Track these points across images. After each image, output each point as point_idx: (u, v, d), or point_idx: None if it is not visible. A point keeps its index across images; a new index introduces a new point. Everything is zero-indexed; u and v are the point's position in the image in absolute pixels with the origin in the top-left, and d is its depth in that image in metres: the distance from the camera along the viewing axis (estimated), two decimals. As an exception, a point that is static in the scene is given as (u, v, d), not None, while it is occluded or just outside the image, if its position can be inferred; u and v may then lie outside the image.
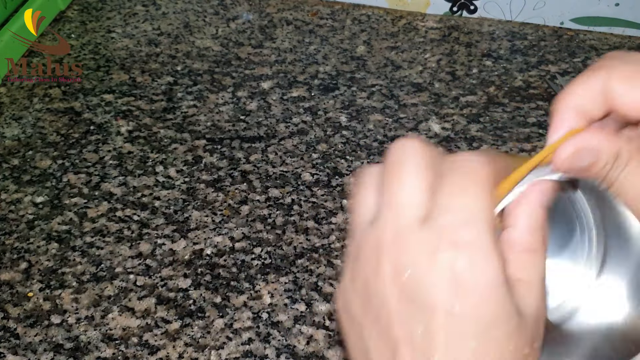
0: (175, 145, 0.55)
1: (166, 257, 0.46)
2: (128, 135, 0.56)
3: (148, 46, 0.66)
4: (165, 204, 0.50)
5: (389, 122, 0.57)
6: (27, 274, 0.45)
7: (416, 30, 0.69)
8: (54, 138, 0.55)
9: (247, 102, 0.59)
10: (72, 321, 0.42)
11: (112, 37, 0.67)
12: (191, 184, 0.52)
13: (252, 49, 0.66)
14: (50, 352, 0.40)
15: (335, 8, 0.72)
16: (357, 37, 0.68)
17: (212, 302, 0.43)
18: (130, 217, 0.49)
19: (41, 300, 0.43)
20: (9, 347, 0.40)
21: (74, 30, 0.67)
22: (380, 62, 0.64)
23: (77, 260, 0.46)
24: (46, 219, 0.48)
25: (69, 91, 0.60)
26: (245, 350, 0.41)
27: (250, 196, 0.51)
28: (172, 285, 0.44)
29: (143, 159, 0.54)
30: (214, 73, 0.63)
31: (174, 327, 0.42)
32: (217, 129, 0.57)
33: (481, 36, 0.68)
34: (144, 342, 0.41)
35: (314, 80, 0.62)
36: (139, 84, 0.61)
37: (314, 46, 0.66)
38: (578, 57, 0.65)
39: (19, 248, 0.46)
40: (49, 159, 0.53)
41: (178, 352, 0.40)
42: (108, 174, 0.52)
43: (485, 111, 0.59)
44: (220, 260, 0.46)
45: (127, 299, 0.43)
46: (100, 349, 0.41)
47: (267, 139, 0.56)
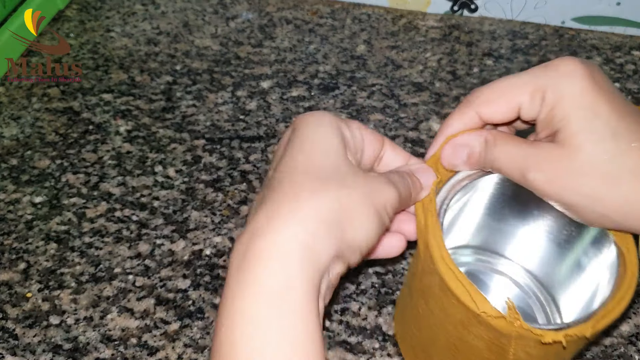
0: (174, 145, 0.55)
1: (165, 258, 0.46)
2: (127, 135, 0.56)
3: (147, 45, 0.65)
4: (164, 204, 0.50)
5: (389, 122, 0.57)
6: (25, 274, 0.45)
7: (417, 29, 0.69)
8: (53, 138, 0.55)
9: (247, 102, 0.59)
10: (71, 322, 0.42)
11: (111, 37, 0.67)
12: (190, 184, 0.51)
13: (252, 48, 0.65)
14: (49, 353, 0.40)
15: (335, 7, 0.72)
16: (357, 37, 0.67)
17: (211, 302, 0.43)
18: (129, 217, 0.49)
19: (40, 301, 0.43)
20: (8, 347, 0.40)
21: (73, 30, 0.67)
22: (380, 61, 0.64)
23: (75, 260, 0.46)
24: (45, 219, 0.48)
25: (67, 91, 0.60)
26: (244, 351, 0.40)
27: (249, 196, 0.51)
28: (171, 286, 0.44)
29: (142, 158, 0.54)
30: (213, 72, 0.62)
31: (173, 327, 0.42)
32: (217, 129, 0.56)
33: (482, 35, 0.68)
34: (143, 342, 0.41)
35: (313, 80, 0.62)
36: (138, 84, 0.61)
37: (313, 45, 0.66)
38: (579, 56, 0.65)
39: (17, 248, 0.46)
40: (47, 159, 0.53)
41: (177, 352, 0.40)
42: (107, 173, 0.52)
43: (485, 111, 0.58)
44: (219, 260, 0.46)
45: (126, 299, 0.43)
46: (99, 349, 0.40)
47: (266, 139, 0.55)
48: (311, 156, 0.30)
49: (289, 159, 0.30)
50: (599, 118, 0.28)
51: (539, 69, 0.31)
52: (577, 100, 0.29)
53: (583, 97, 0.29)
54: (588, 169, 0.28)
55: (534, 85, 0.30)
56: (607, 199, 0.29)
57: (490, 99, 0.32)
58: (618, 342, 0.42)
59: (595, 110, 0.29)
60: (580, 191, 0.29)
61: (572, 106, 0.29)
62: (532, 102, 0.30)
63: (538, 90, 0.30)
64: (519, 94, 0.31)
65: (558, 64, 0.30)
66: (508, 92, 0.31)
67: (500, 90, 0.32)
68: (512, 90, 0.31)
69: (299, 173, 0.29)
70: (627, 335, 0.42)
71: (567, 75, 0.29)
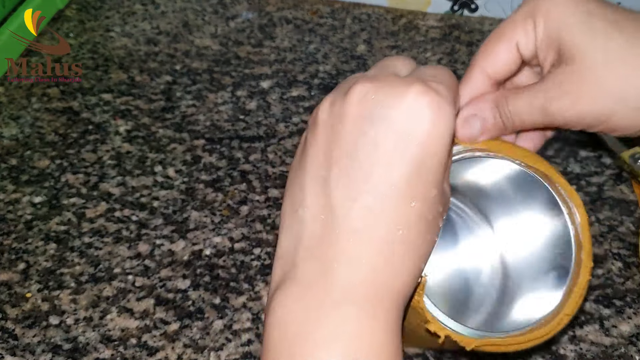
0: (174, 145, 0.55)
1: (165, 258, 0.46)
2: (127, 134, 0.56)
3: (147, 45, 0.65)
4: (164, 204, 0.50)
5: (389, 122, 0.57)
6: (25, 274, 0.45)
7: (417, 29, 0.69)
8: (52, 138, 0.55)
9: (247, 102, 0.59)
10: (70, 322, 0.42)
11: (111, 36, 0.66)
12: (190, 184, 0.51)
13: (252, 48, 0.65)
14: (48, 353, 0.40)
15: (335, 7, 0.72)
16: (357, 36, 0.67)
17: (211, 303, 0.43)
18: (128, 217, 0.49)
19: (39, 301, 0.43)
20: (7, 348, 0.40)
21: (73, 30, 0.67)
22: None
23: (75, 260, 0.45)
24: (44, 219, 0.48)
25: (67, 91, 0.60)
26: (244, 352, 0.40)
27: (249, 196, 0.50)
28: (171, 286, 0.44)
29: (142, 158, 0.53)
30: (213, 72, 0.62)
31: (172, 328, 0.42)
32: (216, 129, 0.56)
33: (482, 35, 0.68)
34: (142, 343, 0.41)
35: (313, 80, 0.62)
36: (138, 84, 0.61)
37: (313, 45, 0.66)
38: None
39: (17, 248, 0.46)
40: (47, 159, 0.53)
41: (177, 353, 0.40)
42: (106, 174, 0.52)
43: (486, 110, 0.58)
44: (219, 261, 0.46)
45: (125, 299, 0.43)
46: (98, 350, 0.40)
47: (266, 139, 0.55)
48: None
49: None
50: (594, 15, 0.27)
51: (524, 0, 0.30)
52: (566, 8, 0.28)
53: (570, 3, 0.28)
54: (607, 70, 0.27)
55: (522, 15, 0.29)
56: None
57: (487, 49, 0.31)
58: (618, 342, 0.41)
59: (588, 10, 0.27)
60: (611, 94, 0.27)
61: (563, 16, 0.28)
62: (526, 33, 0.29)
63: (528, 18, 0.29)
64: (512, 31, 0.30)
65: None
66: (501, 34, 0.30)
67: (495, 36, 0.31)
68: (504, 31, 0.30)
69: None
70: (628, 335, 0.42)
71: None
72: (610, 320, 0.43)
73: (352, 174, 0.24)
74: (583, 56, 0.27)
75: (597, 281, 0.45)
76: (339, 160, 0.24)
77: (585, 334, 0.42)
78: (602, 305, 0.44)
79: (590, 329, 0.42)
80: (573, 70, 0.28)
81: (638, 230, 0.48)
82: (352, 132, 0.24)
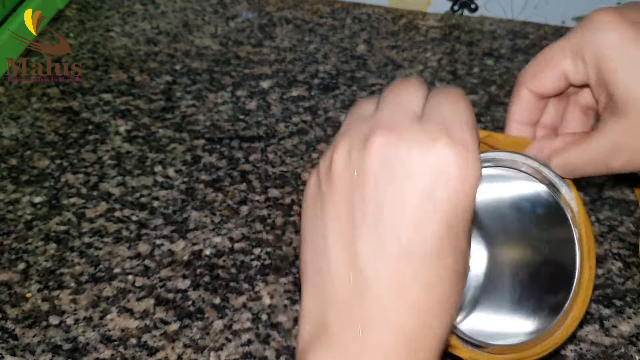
0: (174, 145, 0.55)
1: (165, 258, 0.46)
2: (126, 134, 0.56)
3: (147, 45, 0.65)
4: (164, 204, 0.50)
5: (389, 122, 0.57)
6: (25, 274, 0.45)
7: (417, 29, 0.69)
8: (52, 138, 0.55)
9: (247, 102, 0.59)
10: (70, 322, 0.42)
11: (111, 36, 0.66)
12: (190, 184, 0.51)
13: (252, 48, 0.65)
14: (48, 353, 0.40)
15: (335, 7, 0.72)
16: (357, 36, 0.67)
17: (211, 303, 0.43)
18: (128, 217, 0.49)
19: (39, 301, 0.43)
20: (7, 348, 0.40)
21: (73, 30, 0.67)
22: (380, 61, 0.64)
23: (75, 260, 0.45)
24: (44, 219, 0.48)
25: (67, 90, 0.60)
26: (244, 352, 0.40)
27: (249, 196, 0.50)
28: (170, 286, 0.44)
29: (141, 158, 0.53)
30: (213, 72, 0.62)
31: (172, 328, 0.42)
32: (216, 129, 0.56)
33: (482, 35, 0.68)
34: (142, 343, 0.41)
35: (313, 80, 0.62)
36: (138, 83, 0.61)
37: (313, 45, 0.66)
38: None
39: (17, 248, 0.46)
40: (47, 159, 0.53)
41: (177, 353, 0.40)
42: (106, 174, 0.52)
43: (486, 111, 0.58)
44: (219, 261, 0.46)
45: (125, 299, 0.43)
46: (98, 350, 0.40)
47: (266, 139, 0.55)
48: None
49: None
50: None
51: (575, 28, 0.29)
52: (614, 51, 0.27)
53: (624, 46, 0.27)
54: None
55: (571, 48, 0.29)
56: None
57: (535, 73, 0.31)
58: (619, 342, 0.41)
59: (638, 50, 0.27)
60: None
61: (613, 59, 0.27)
62: (575, 66, 0.29)
63: (577, 52, 0.29)
64: (560, 61, 0.30)
65: (591, 18, 0.28)
66: (550, 61, 0.30)
67: (543, 62, 0.31)
68: (552, 58, 0.30)
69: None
70: (628, 335, 0.42)
71: (601, 29, 0.28)
72: (610, 320, 0.43)
73: (380, 234, 0.23)
74: (635, 108, 0.27)
75: (597, 281, 0.45)
76: (364, 219, 0.23)
77: (585, 334, 0.42)
78: (602, 305, 0.44)
79: (590, 329, 0.42)
80: (629, 125, 0.28)
81: (638, 230, 0.48)
82: (376, 191, 0.23)
